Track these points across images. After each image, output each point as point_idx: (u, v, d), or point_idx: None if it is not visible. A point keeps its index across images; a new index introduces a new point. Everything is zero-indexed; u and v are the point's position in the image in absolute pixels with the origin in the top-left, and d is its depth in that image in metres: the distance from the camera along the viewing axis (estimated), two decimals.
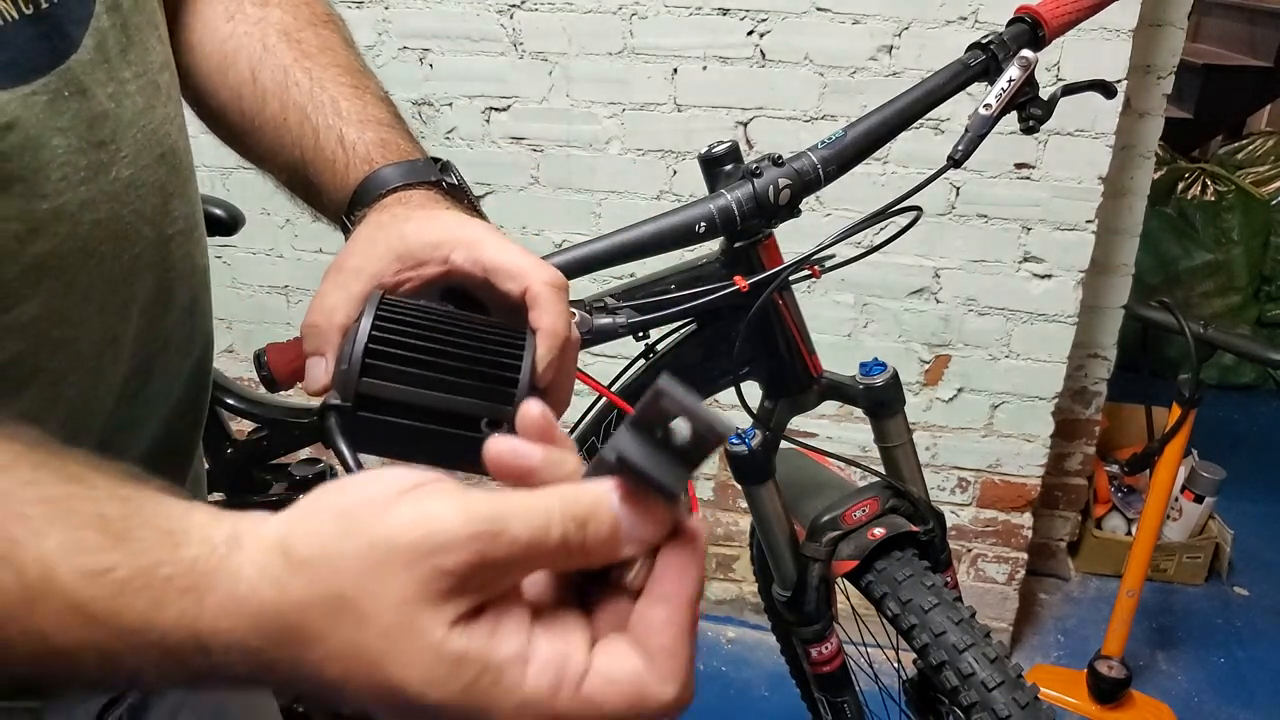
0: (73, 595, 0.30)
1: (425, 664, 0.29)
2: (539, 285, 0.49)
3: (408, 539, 0.30)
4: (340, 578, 0.30)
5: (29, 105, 0.43)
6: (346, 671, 0.30)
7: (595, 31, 1.63)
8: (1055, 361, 1.73)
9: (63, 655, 0.30)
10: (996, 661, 0.85)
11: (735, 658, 1.95)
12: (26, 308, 0.45)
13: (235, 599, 0.30)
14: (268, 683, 0.31)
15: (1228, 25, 3.79)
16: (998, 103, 0.82)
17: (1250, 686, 1.93)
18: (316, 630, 0.30)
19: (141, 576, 0.31)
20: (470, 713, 0.29)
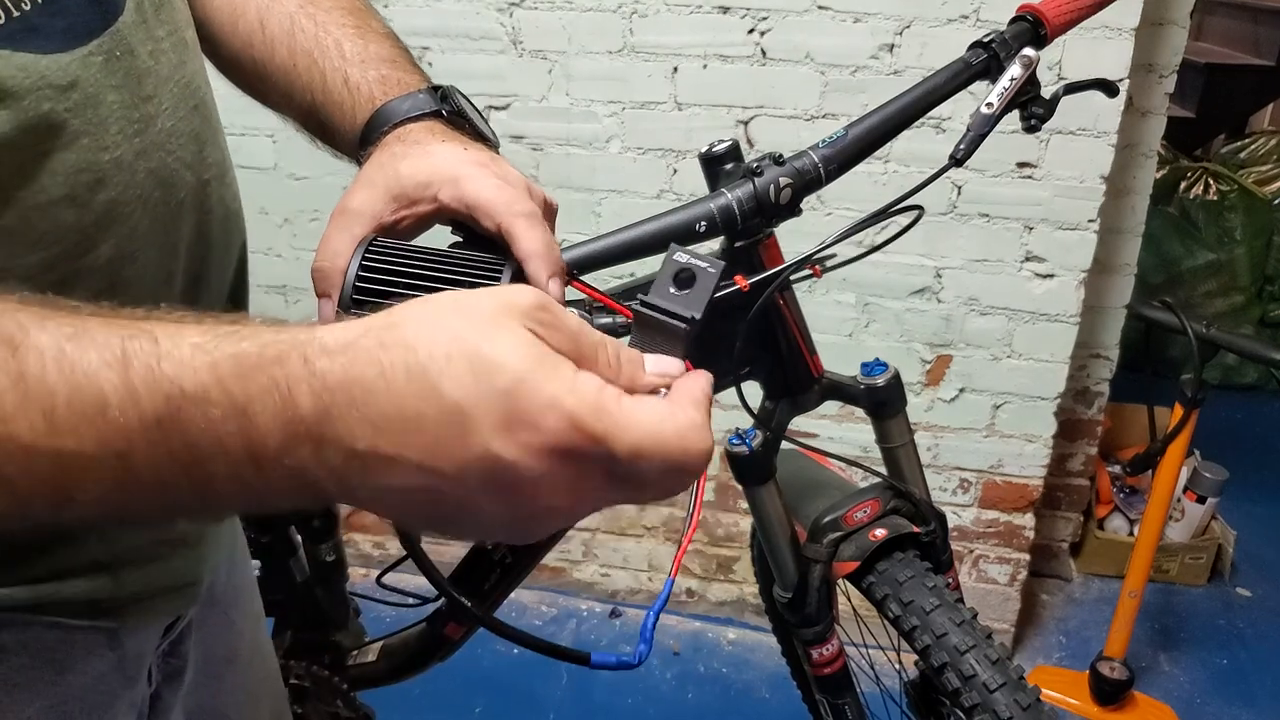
0: (197, 340, 0.35)
1: (505, 337, 0.35)
2: (509, 218, 0.52)
3: (491, 289, 0.38)
4: (436, 300, 0.37)
5: (87, 66, 0.48)
6: (433, 352, 0.34)
7: (595, 30, 1.62)
8: (1057, 361, 1.72)
9: (188, 414, 0.34)
10: (998, 663, 0.84)
11: (736, 659, 1.95)
12: (103, 250, 0.50)
13: (349, 323, 0.36)
14: (354, 386, 0.35)
15: (1230, 24, 3.78)
16: (999, 101, 0.81)
17: (1253, 688, 1.92)
18: (411, 324, 0.35)
19: (251, 326, 0.36)
20: (534, 375, 0.34)
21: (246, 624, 0.80)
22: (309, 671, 1.17)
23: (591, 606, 2.06)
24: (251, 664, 0.81)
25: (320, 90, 0.62)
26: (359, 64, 0.61)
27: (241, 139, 1.80)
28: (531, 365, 0.34)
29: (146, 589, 0.60)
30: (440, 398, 0.34)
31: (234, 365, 0.35)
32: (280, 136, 1.80)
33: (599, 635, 1.99)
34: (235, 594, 0.78)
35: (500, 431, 0.34)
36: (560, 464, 0.35)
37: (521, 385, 0.34)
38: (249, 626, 0.81)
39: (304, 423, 0.35)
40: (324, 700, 1.17)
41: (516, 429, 0.34)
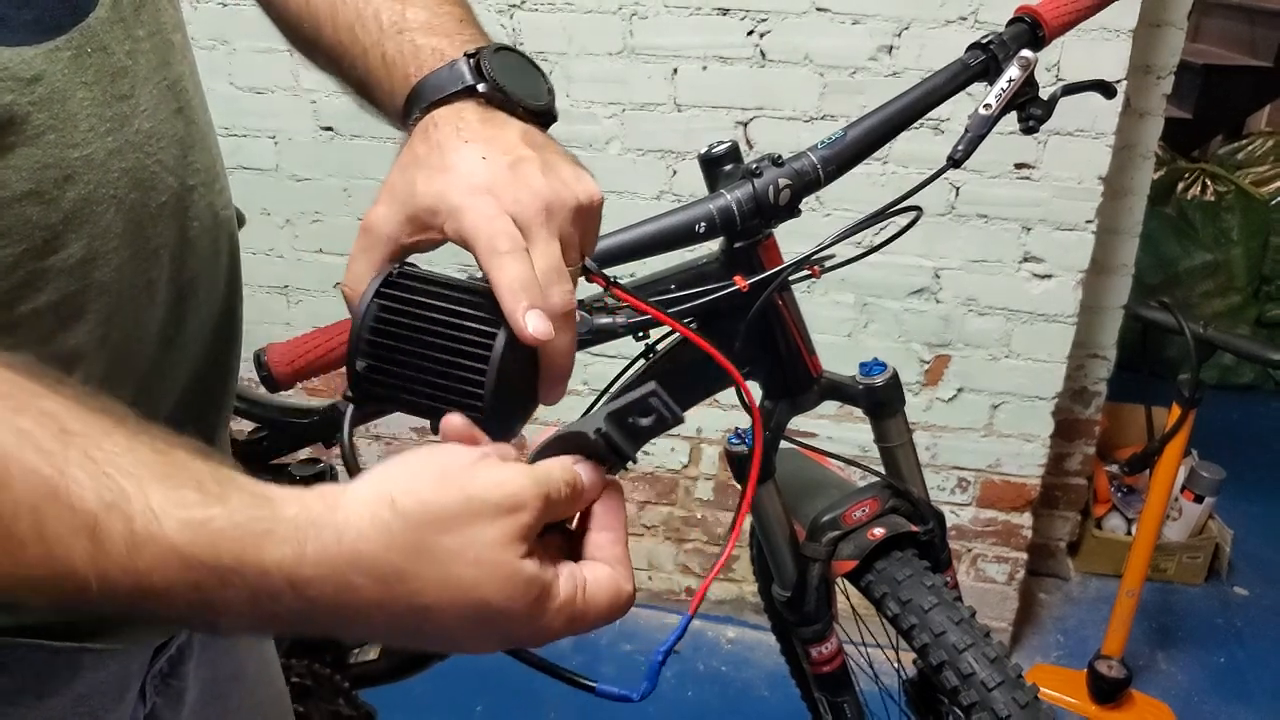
0: (174, 540, 0.36)
1: (509, 586, 0.40)
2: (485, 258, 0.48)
3: (496, 496, 0.40)
4: (442, 527, 0.39)
5: (54, 60, 0.46)
6: (439, 597, 0.39)
7: (595, 31, 1.63)
8: (1055, 361, 1.73)
9: (157, 593, 0.36)
10: (996, 661, 0.85)
11: (735, 658, 1.95)
12: (72, 250, 0.49)
13: (341, 545, 0.38)
14: (352, 616, 0.39)
15: (1228, 25, 3.79)
16: (998, 103, 0.82)
17: (1250, 686, 1.93)
18: (415, 568, 0.38)
19: (238, 529, 0.37)
20: (533, 617, 0.41)
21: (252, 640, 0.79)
22: (310, 670, 1.17)
23: None
24: (259, 681, 0.80)
25: (363, 69, 0.59)
26: (394, 34, 0.57)
27: (242, 139, 1.81)
28: (529, 609, 0.41)
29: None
30: (445, 631, 0.41)
31: (211, 576, 0.37)
32: (281, 137, 1.80)
33: (599, 634, 2.00)
34: None
35: (491, 646, 0.43)
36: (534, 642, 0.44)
37: (519, 626, 0.41)
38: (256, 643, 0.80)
39: (287, 624, 0.39)
40: (326, 699, 1.17)
41: (506, 643, 0.43)
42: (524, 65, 0.56)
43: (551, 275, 0.48)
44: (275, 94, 1.76)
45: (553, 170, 0.51)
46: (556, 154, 0.53)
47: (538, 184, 0.50)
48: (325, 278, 1.92)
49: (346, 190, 1.83)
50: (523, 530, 0.40)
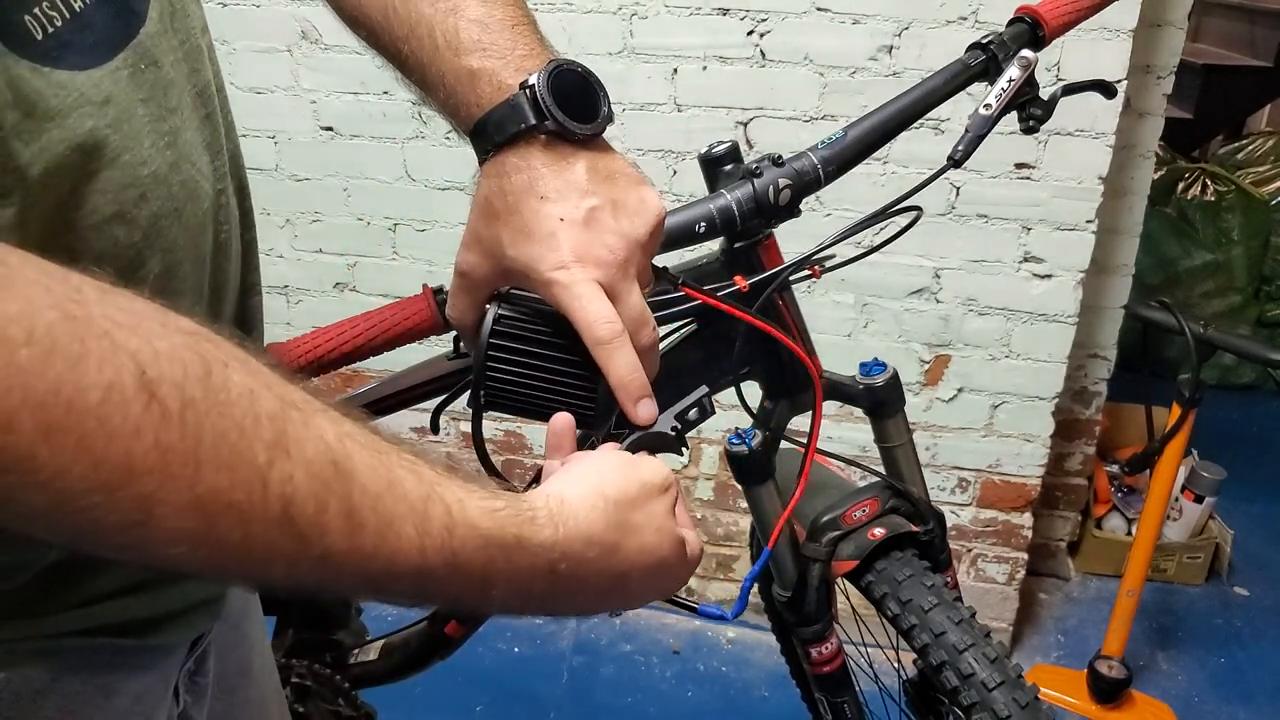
0: (478, 522, 0.44)
1: (675, 545, 0.53)
2: (597, 350, 0.56)
3: (658, 480, 0.53)
4: (633, 507, 0.51)
5: (116, 80, 0.47)
6: (636, 561, 0.50)
7: (595, 31, 1.63)
8: (1055, 361, 1.73)
9: (460, 569, 0.43)
10: (996, 661, 0.85)
11: (735, 658, 1.95)
12: (151, 265, 0.50)
13: (579, 527, 0.48)
14: (579, 585, 0.48)
15: (1228, 25, 3.79)
16: (998, 103, 0.82)
17: (1250, 687, 1.93)
18: (623, 540, 0.50)
19: (518, 515, 0.45)
20: (681, 566, 0.54)
21: (257, 635, 0.80)
22: (311, 670, 1.17)
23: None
24: (263, 676, 0.81)
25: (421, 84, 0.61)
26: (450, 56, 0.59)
27: (242, 140, 1.80)
28: (681, 562, 0.54)
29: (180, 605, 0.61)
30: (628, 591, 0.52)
31: (499, 553, 0.44)
32: (281, 137, 1.80)
33: (599, 634, 2.00)
34: (245, 606, 0.78)
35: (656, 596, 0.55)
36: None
37: (674, 579, 0.54)
38: (259, 638, 0.81)
39: (530, 602, 0.47)
40: (325, 699, 1.17)
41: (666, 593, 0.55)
42: (582, 85, 0.59)
43: (638, 322, 0.57)
44: (275, 94, 1.76)
45: (621, 210, 0.57)
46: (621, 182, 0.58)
47: (612, 239, 0.56)
48: (325, 278, 1.92)
49: (346, 190, 1.83)
50: (674, 502, 0.53)
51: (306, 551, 0.39)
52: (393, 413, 0.84)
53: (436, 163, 1.75)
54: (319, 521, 0.39)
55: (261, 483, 0.37)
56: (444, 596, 0.44)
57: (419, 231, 1.84)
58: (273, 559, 0.39)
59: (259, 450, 0.37)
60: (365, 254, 1.88)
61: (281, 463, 0.38)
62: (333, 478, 0.39)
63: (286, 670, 1.17)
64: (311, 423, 0.40)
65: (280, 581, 0.40)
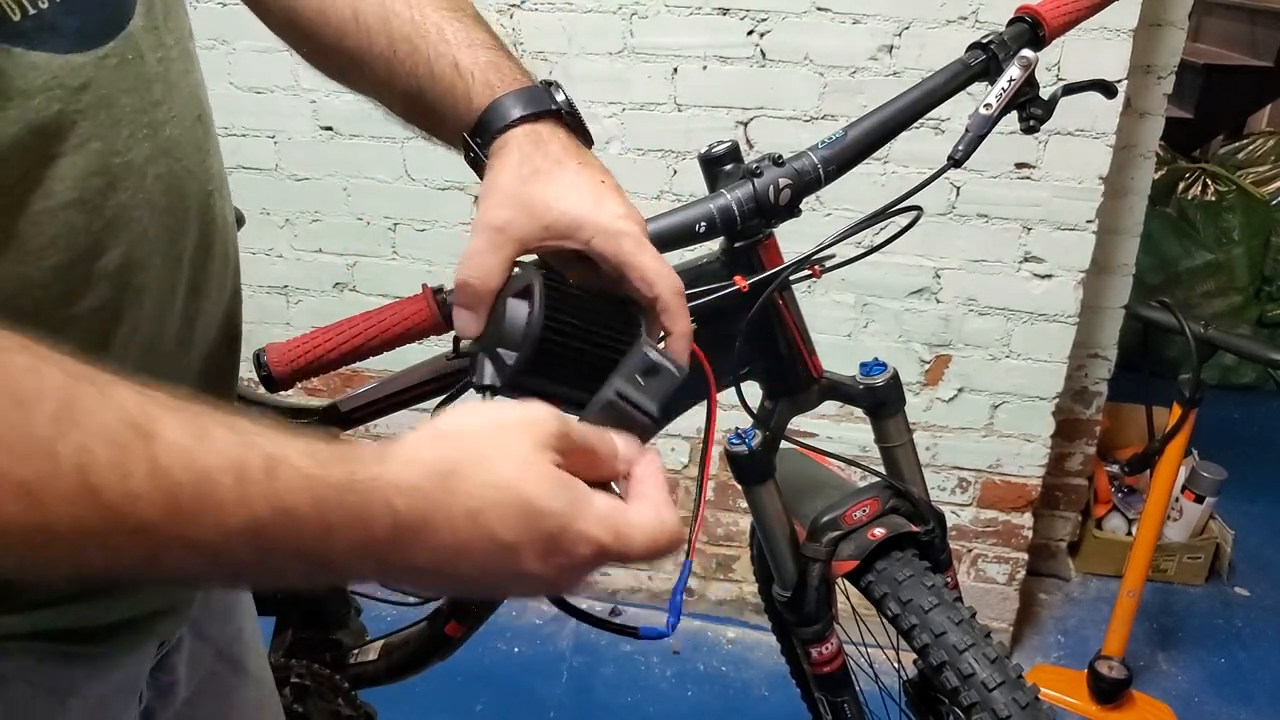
0: (299, 463, 0.40)
1: (546, 483, 0.43)
2: (669, 295, 0.56)
3: (516, 414, 0.45)
4: (479, 439, 0.44)
5: (101, 67, 0.48)
6: (486, 497, 0.42)
7: (595, 31, 1.63)
8: (1056, 361, 1.72)
9: (289, 516, 0.40)
10: (997, 662, 0.84)
11: (735, 658, 1.95)
12: (112, 255, 0.50)
13: (406, 453, 0.43)
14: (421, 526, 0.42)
15: (1228, 25, 3.79)
16: (998, 102, 0.82)
17: (1251, 687, 1.93)
18: (466, 469, 0.43)
19: (341, 455, 0.42)
20: (574, 517, 0.43)
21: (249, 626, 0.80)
22: (310, 670, 1.17)
23: (592, 605, 2.07)
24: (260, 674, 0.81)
25: (427, 76, 0.61)
26: (465, 47, 0.61)
27: (242, 139, 1.81)
28: (567, 507, 0.43)
29: (140, 612, 0.60)
30: (496, 538, 0.42)
31: (329, 493, 0.41)
32: (281, 137, 1.80)
33: (599, 634, 2.00)
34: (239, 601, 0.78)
35: (541, 559, 0.43)
36: (582, 573, 0.45)
37: (562, 528, 0.43)
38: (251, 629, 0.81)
39: (376, 547, 0.42)
40: (325, 699, 1.17)
41: (555, 556, 0.43)
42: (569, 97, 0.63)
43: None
44: (275, 94, 1.76)
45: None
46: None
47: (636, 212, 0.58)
48: (325, 278, 1.92)
49: (346, 190, 1.83)
50: (547, 438, 0.44)
51: (119, 524, 0.37)
52: (392, 413, 0.84)
53: (436, 162, 1.75)
54: (126, 489, 0.37)
55: (50, 456, 0.35)
56: (289, 554, 0.41)
57: (419, 231, 1.84)
58: (84, 539, 0.37)
59: (41, 423, 0.35)
60: (365, 254, 1.88)
61: (71, 434, 0.36)
62: (133, 440, 0.37)
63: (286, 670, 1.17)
64: (109, 393, 0.38)
65: (105, 565, 0.39)
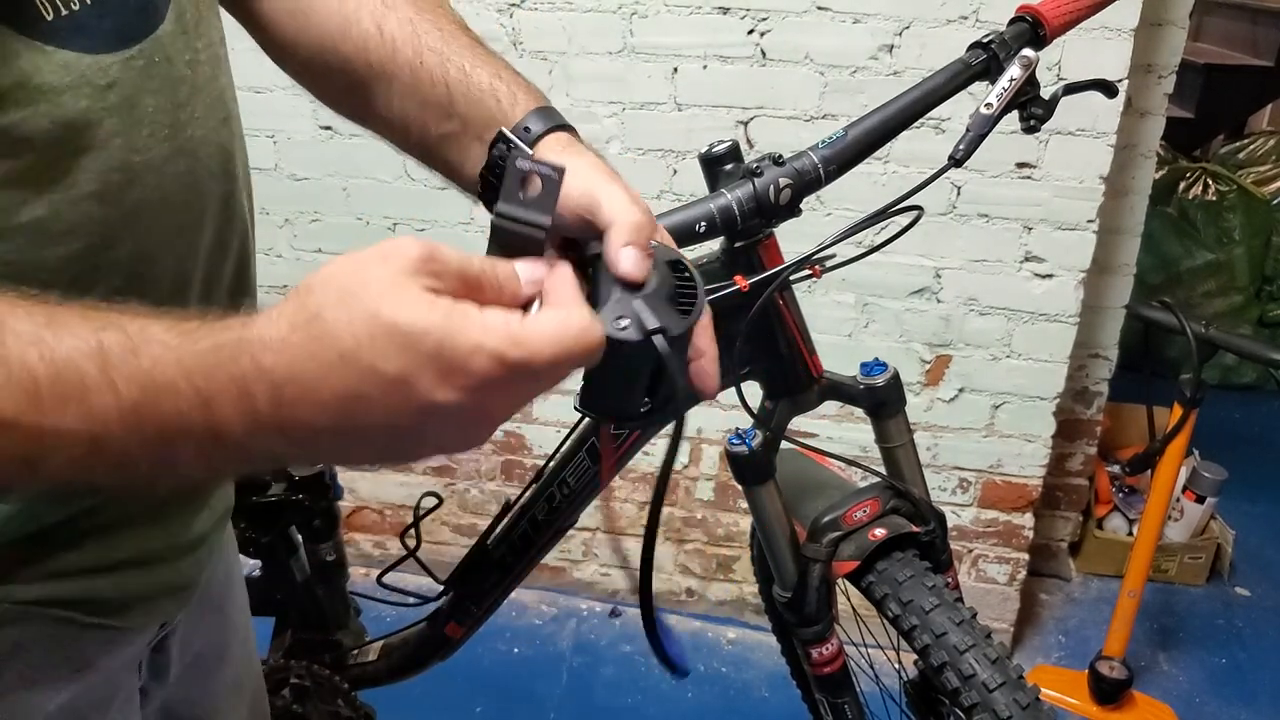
0: (164, 337, 0.39)
1: (413, 304, 0.39)
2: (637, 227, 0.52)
3: (379, 249, 0.41)
4: (337, 280, 0.40)
5: (129, 69, 0.50)
6: (356, 334, 0.39)
7: (595, 30, 1.62)
8: (1056, 361, 1.72)
9: (161, 391, 0.39)
10: (997, 662, 0.84)
11: (736, 659, 1.95)
12: (124, 247, 0.52)
13: (275, 316, 0.40)
14: (298, 378, 0.39)
15: (1229, 25, 3.78)
16: (999, 102, 0.82)
17: (1252, 687, 1.92)
18: (330, 314, 0.39)
19: (207, 326, 0.40)
20: (450, 330, 0.39)
21: (239, 618, 0.82)
22: (310, 671, 1.17)
23: (592, 606, 2.07)
24: (240, 658, 0.83)
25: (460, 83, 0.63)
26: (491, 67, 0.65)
27: None
28: (444, 322, 0.39)
29: (148, 590, 0.62)
30: (379, 374, 0.39)
31: (196, 362, 0.39)
32: (280, 137, 1.80)
33: (599, 635, 2.00)
34: (228, 589, 0.79)
35: (439, 383, 0.39)
36: (495, 391, 0.40)
37: (444, 343, 0.39)
38: (241, 621, 0.83)
39: (263, 413, 0.39)
40: (325, 699, 1.17)
41: (452, 377, 0.39)
42: None
43: None
44: (274, 93, 1.76)
45: None
46: None
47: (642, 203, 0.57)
48: None
49: (345, 190, 1.83)
50: (412, 263, 0.40)
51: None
52: None
53: None
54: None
55: None
56: (175, 434, 0.39)
57: (418, 231, 1.83)
58: None
59: None
60: None
61: None
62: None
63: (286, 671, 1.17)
64: None
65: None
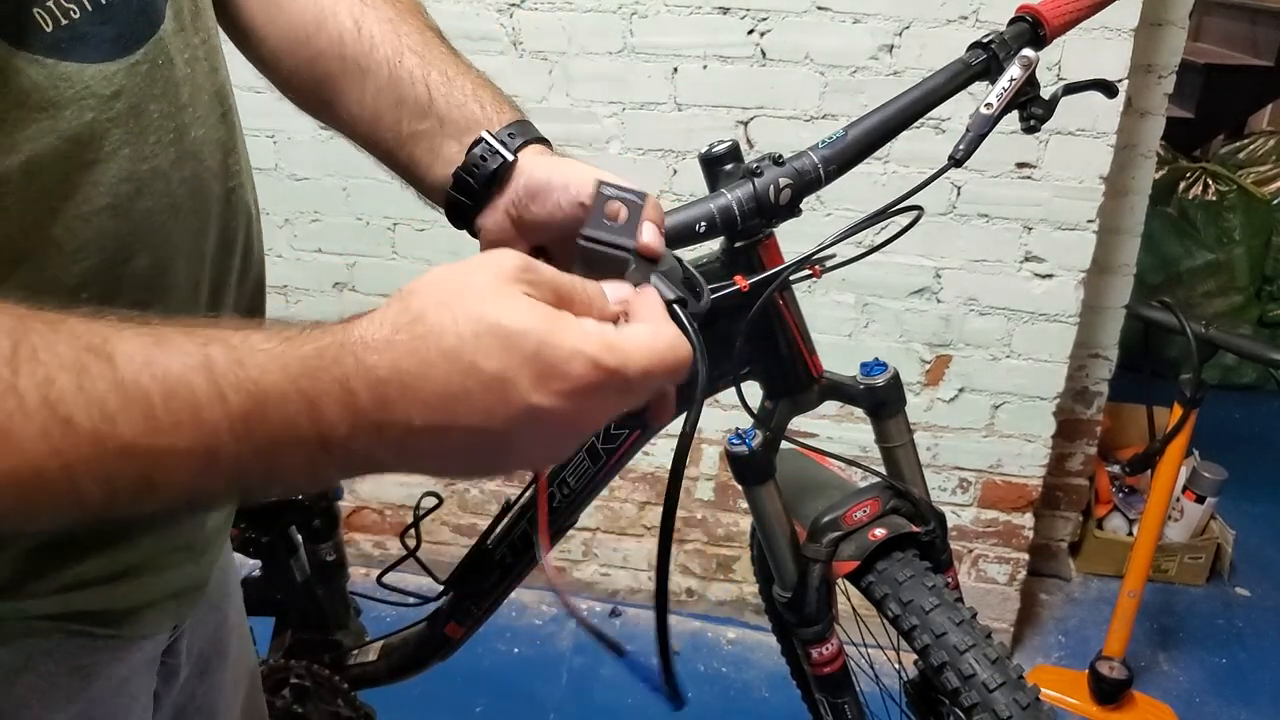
0: (263, 345, 0.40)
1: (516, 306, 0.40)
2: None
3: (480, 258, 0.43)
4: (440, 285, 0.42)
5: (133, 75, 0.48)
6: (460, 333, 0.40)
7: (595, 30, 1.62)
8: (1056, 361, 1.72)
9: (269, 400, 0.39)
10: (998, 662, 0.84)
11: (736, 659, 1.95)
12: (139, 259, 0.50)
13: (378, 319, 0.41)
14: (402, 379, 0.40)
15: (1229, 24, 3.78)
16: (999, 102, 0.81)
17: (1252, 687, 1.92)
18: (433, 315, 0.40)
19: (307, 332, 0.41)
20: (551, 332, 0.40)
21: (236, 616, 0.82)
22: (310, 671, 1.17)
23: (592, 606, 2.07)
24: (239, 658, 0.83)
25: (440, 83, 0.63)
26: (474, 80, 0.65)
27: None
28: (545, 325, 0.40)
29: (160, 595, 0.61)
30: (480, 371, 0.39)
31: (301, 367, 0.40)
32: (280, 137, 1.80)
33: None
34: (226, 588, 0.79)
35: (537, 386, 0.40)
36: (587, 398, 0.41)
37: (544, 344, 0.40)
38: (238, 619, 0.83)
39: (365, 412, 0.40)
40: (325, 699, 1.17)
41: (550, 380, 0.40)
42: None
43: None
44: (274, 93, 1.76)
45: None
46: None
47: None
48: (324, 277, 1.92)
49: (345, 190, 1.83)
50: (512, 271, 0.42)
51: (103, 448, 0.37)
52: None
53: None
54: (98, 411, 0.36)
55: (14, 395, 0.35)
56: (284, 441, 0.39)
57: (418, 231, 1.83)
58: (73, 474, 0.36)
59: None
60: (364, 253, 1.88)
61: (29, 369, 0.36)
62: (92, 362, 0.37)
63: (286, 671, 1.17)
64: (59, 325, 0.38)
65: (106, 499, 0.38)
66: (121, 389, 0.37)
